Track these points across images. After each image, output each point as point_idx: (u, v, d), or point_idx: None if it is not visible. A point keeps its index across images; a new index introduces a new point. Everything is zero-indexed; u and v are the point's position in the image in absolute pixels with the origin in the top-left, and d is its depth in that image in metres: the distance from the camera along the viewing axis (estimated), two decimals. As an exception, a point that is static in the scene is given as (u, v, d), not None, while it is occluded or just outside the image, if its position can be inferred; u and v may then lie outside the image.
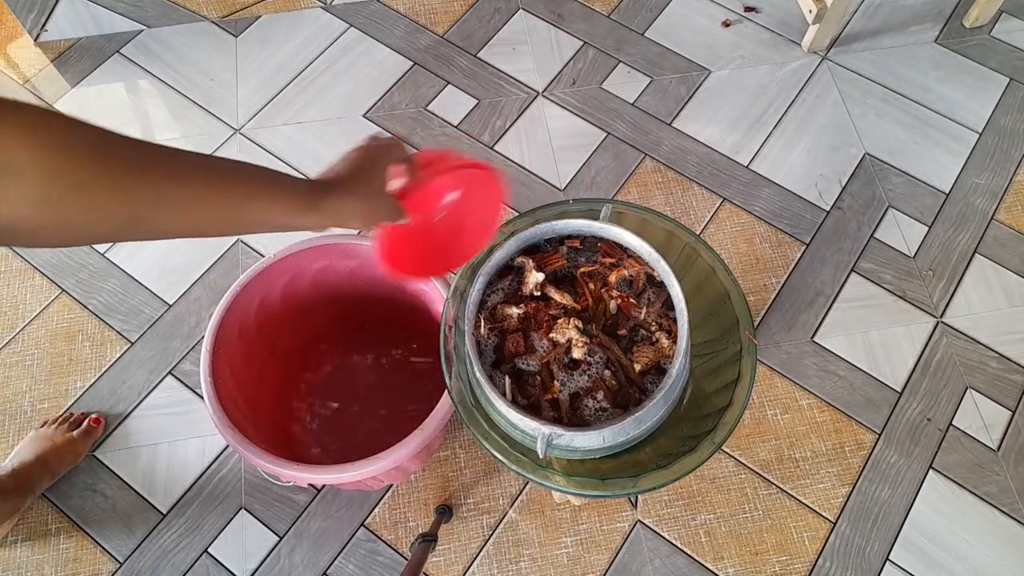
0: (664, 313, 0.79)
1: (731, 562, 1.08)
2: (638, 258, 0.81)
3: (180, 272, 1.29)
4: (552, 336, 0.77)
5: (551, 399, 0.75)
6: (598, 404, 0.75)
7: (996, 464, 1.14)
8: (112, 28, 1.53)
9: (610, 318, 0.79)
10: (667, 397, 0.75)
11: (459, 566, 1.08)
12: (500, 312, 0.79)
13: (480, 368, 0.74)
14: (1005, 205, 1.35)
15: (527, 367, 0.77)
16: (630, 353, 0.77)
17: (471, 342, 0.76)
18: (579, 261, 0.83)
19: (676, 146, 1.40)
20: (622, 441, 0.76)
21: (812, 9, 1.43)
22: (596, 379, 0.76)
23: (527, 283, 0.81)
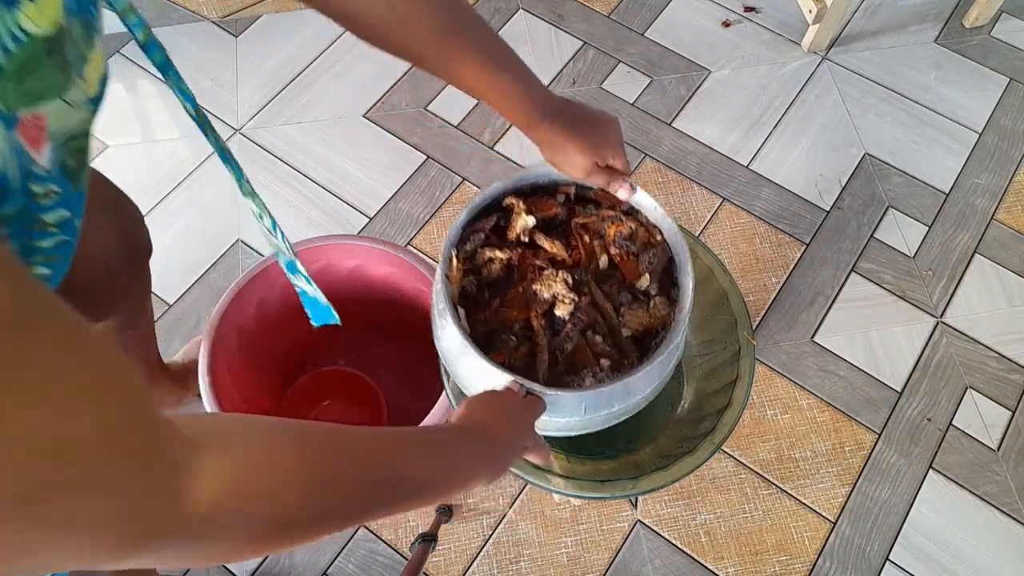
0: (664, 278, 0.71)
1: (731, 562, 1.08)
2: (643, 218, 0.74)
3: (180, 272, 1.29)
4: (536, 288, 0.68)
5: (523, 355, 0.67)
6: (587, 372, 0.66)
7: (996, 464, 1.14)
8: (111, 28, 1.51)
9: (602, 275, 0.71)
10: (663, 366, 0.68)
11: (459, 566, 1.08)
12: (481, 256, 0.70)
13: (447, 301, 0.65)
14: (1005, 205, 1.35)
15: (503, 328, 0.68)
16: (620, 316, 0.69)
17: (443, 283, 0.67)
18: (575, 211, 0.75)
19: (676, 146, 1.40)
20: (604, 415, 0.68)
21: (812, 9, 1.43)
22: (580, 344, 0.67)
23: (514, 227, 0.71)
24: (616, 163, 0.66)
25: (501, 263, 0.70)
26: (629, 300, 0.71)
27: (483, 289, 0.70)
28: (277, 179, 1.37)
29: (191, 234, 1.32)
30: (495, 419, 0.55)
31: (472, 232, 0.72)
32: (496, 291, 0.70)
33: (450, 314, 0.64)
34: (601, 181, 0.67)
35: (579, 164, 0.64)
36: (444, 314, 0.65)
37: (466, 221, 0.71)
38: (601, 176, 0.66)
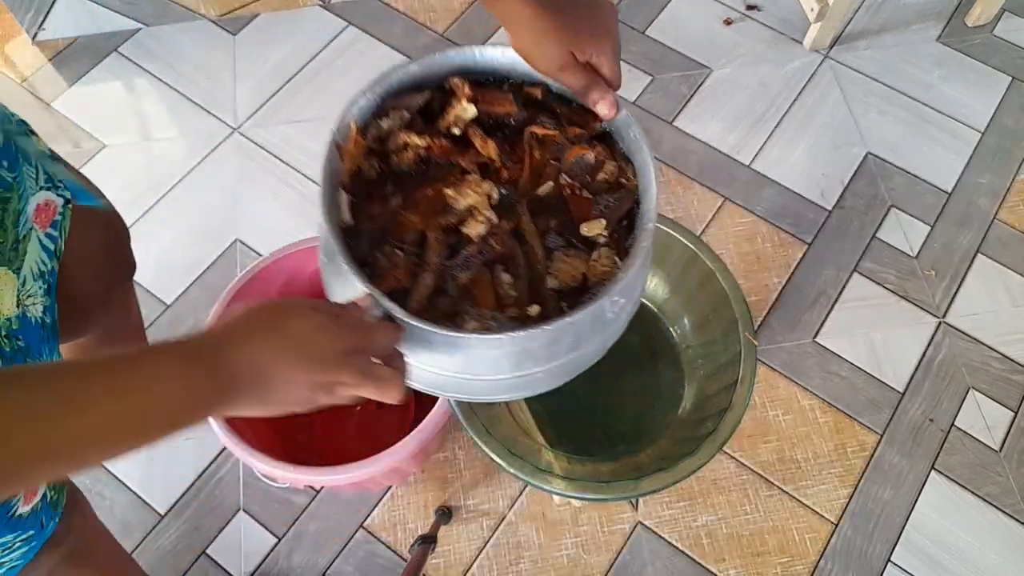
0: (622, 231, 0.56)
1: (732, 564, 1.08)
2: (619, 151, 0.59)
3: (178, 272, 1.28)
4: (449, 194, 0.54)
5: (405, 276, 0.52)
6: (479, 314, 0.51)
7: (998, 465, 1.13)
8: (110, 27, 1.52)
9: (542, 204, 0.56)
10: (581, 333, 0.53)
11: (459, 568, 1.08)
12: (395, 140, 0.56)
13: (327, 180, 0.52)
14: (1008, 205, 1.34)
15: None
16: (549, 261, 0.54)
17: (328, 155, 0.53)
18: (533, 119, 0.59)
19: (677, 145, 1.40)
20: (490, 382, 0.54)
21: (814, 7, 1.42)
22: (481, 278, 0.52)
23: (449, 114, 0.57)
24: (602, 64, 0.52)
25: (416, 153, 0.56)
26: (564, 245, 0.56)
27: (386, 181, 0.56)
28: (276, 178, 1.36)
29: (189, 234, 1.32)
30: (263, 335, 0.41)
31: (395, 107, 0.57)
32: (403, 187, 0.56)
33: (324, 197, 0.51)
34: (576, 83, 0.52)
35: (551, 53, 0.50)
36: (321, 199, 0.52)
37: (390, 89, 0.56)
38: (578, 76, 0.52)
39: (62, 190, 0.63)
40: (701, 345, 1.00)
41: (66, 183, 0.64)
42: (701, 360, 1.00)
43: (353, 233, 0.53)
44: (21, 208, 0.57)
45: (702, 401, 0.96)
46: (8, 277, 0.54)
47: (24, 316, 0.54)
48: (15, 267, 0.55)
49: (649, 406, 1.02)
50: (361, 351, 0.44)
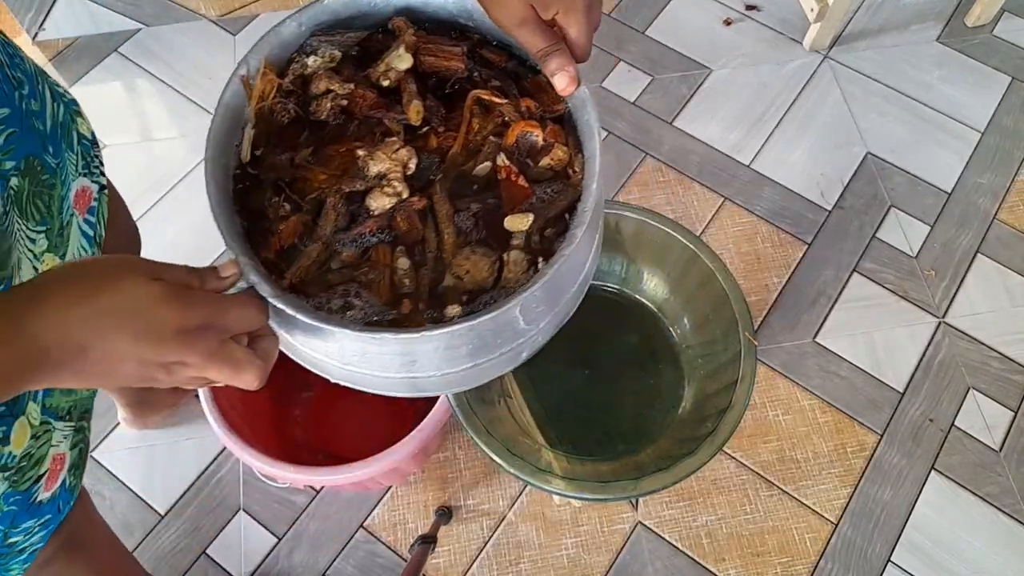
0: (552, 231, 0.47)
1: (732, 563, 1.08)
2: (573, 139, 0.50)
3: (178, 272, 1.28)
4: (361, 155, 0.47)
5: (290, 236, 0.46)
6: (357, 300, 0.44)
7: (998, 465, 1.13)
8: (110, 27, 1.52)
9: (467, 182, 0.49)
10: (505, 328, 0.45)
11: (459, 568, 1.08)
12: (317, 84, 0.49)
13: (222, 116, 0.46)
14: (1007, 205, 1.34)
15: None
16: (453, 255, 0.47)
17: (233, 89, 0.47)
18: (485, 83, 0.50)
19: (677, 145, 1.40)
20: (399, 381, 0.47)
21: (814, 7, 1.42)
22: (375, 258, 0.45)
23: (380, 61, 0.49)
24: (569, 25, 0.44)
25: (336, 102, 0.48)
26: (474, 236, 0.47)
27: (303, 128, 0.49)
28: (276, 178, 1.37)
29: (190, 234, 1.32)
30: (84, 301, 0.35)
31: (327, 42, 0.50)
32: (320, 139, 0.49)
33: (213, 134, 0.45)
34: (535, 44, 0.44)
35: (510, 4, 0.43)
36: (209, 135, 0.46)
37: (322, 22, 0.49)
38: (538, 36, 0.44)
39: (97, 176, 0.63)
40: (701, 345, 1.00)
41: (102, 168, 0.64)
42: (701, 360, 1.00)
43: (251, 179, 0.47)
44: (64, 194, 0.57)
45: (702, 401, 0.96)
46: (54, 263, 0.54)
47: None
48: (61, 253, 0.55)
49: (649, 406, 1.02)
50: (210, 329, 0.37)
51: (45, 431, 0.53)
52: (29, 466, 0.51)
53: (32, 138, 0.53)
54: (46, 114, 0.56)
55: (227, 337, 0.39)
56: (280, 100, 0.49)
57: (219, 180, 0.45)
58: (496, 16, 0.44)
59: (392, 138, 0.48)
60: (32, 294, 0.34)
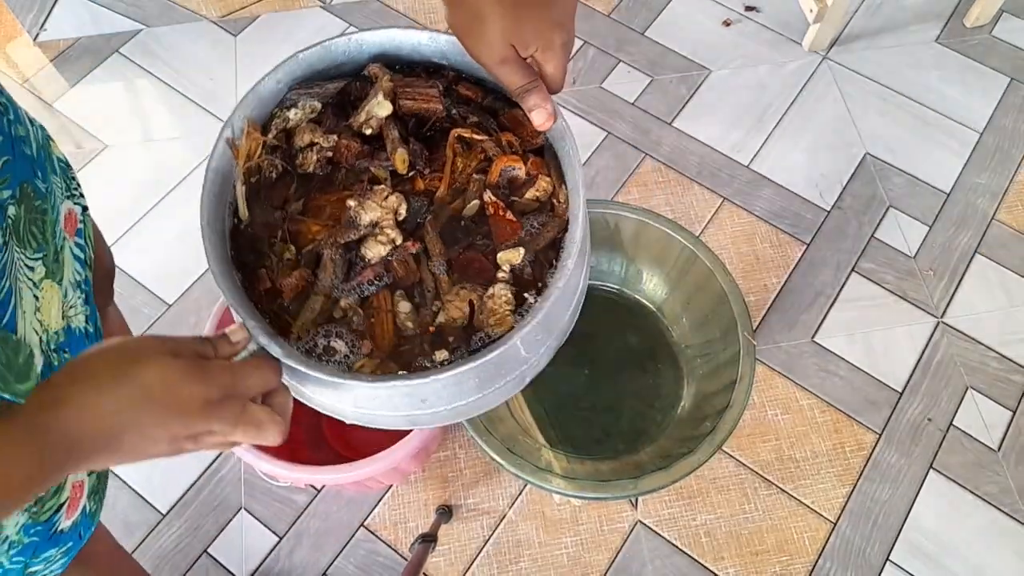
0: (539, 266, 0.48)
1: (731, 562, 1.08)
2: (555, 167, 0.50)
3: (180, 272, 1.29)
4: (351, 205, 0.48)
5: (295, 289, 0.47)
6: (350, 348, 0.45)
7: (996, 464, 1.14)
8: (111, 27, 1.53)
9: (455, 223, 0.49)
10: (507, 360, 0.47)
11: (459, 566, 1.08)
12: (301, 136, 0.50)
13: (211, 179, 0.46)
14: (1006, 205, 1.34)
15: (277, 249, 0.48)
16: (446, 301, 0.48)
17: (220, 154, 0.47)
18: (464, 120, 0.51)
19: (677, 146, 1.40)
20: (411, 418, 0.49)
21: (813, 8, 1.43)
22: (379, 305, 0.47)
23: (361, 110, 0.50)
24: (546, 61, 0.45)
25: (322, 155, 0.49)
26: (469, 277, 0.48)
27: (291, 181, 0.50)
28: (277, 178, 1.37)
29: (190, 234, 1.32)
30: (108, 388, 0.36)
31: (305, 95, 0.50)
32: (309, 191, 0.50)
33: (205, 202, 0.45)
34: (514, 82, 0.45)
35: (491, 42, 0.43)
36: (201, 204, 0.45)
37: (299, 75, 0.50)
38: (517, 74, 0.45)
39: (78, 198, 0.63)
40: (700, 345, 1.01)
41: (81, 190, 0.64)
42: (700, 359, 1.00)
43: (245, 236, 0.48)
44: (55, 219, 0.56)
45: (701, 400, 0.97)
46: (54, 290, 0.53)
47: (69, 328, 0.54)
48: (58, 279, 0.55)
49: (649, 406, 1.03)
50: (232, 396, 0.39)
51: None
52: (49, 496, 0.51)
53: (24, 164, 0.52)
54: (31, 138, 0.56)
55: (247, 401, 0.40)
56: (266, 156, 0.49)
57: (216, 245, 0.45)
58: (477, 54, 0.45)
59: (380, 185, 0.49)
60: (60, 390, 0.36)
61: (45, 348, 0.50)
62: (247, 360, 0.42)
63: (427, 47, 0.51)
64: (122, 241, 1.32)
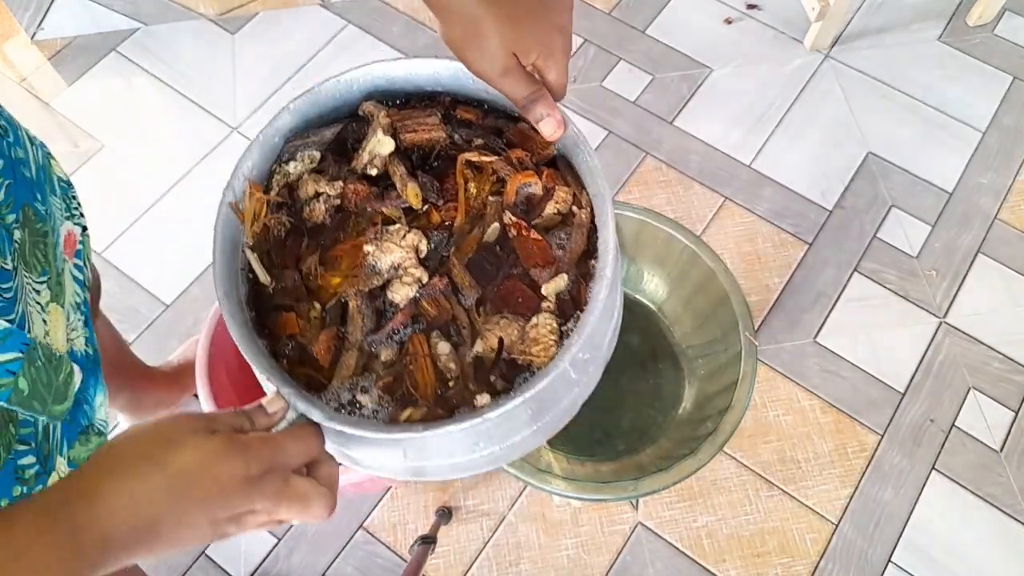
0: (578, 271, 0.46)
1: (733, 564, 1.07)
2: (571, 177, 0.48)
3: (178, 271, 1.28)
4: (368, 251, 0.46)
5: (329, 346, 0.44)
6: (379, 397, 0.44)
7: (999, 465, 1.13)
8: (109, 26, 1.52)
9: (485, 249, 0.47)
10: (558, 387, 0.45)
11: (459, 568, 1.07)
12: (305, 188, 0.48)
13: (220, 248, 0.44)
14: (1009, 204, 1.34)
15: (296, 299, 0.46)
16: (485, 330, 0.46)
17: (222, 223, 0.46)
18: (469, 144, 0.49)
19: (677, 145, 1.39)
20: (469, 461, 0.47)
21: (815, 7, 1.42)
22: (417, 351, 0.44)
23: (363, 151, 0.48)
24: (549, 68, 0.43)
25: (329, 204, 0.47)
26: (511, 306, 0.46)
27: (302, 236, 0.48)
28: (275, 178, 1.36)
29: (189, 233, 1.31)
30: (143, 476, 0.34)
31: (302, 145, 0.48)
32: (322, 242, 0.48)
33: (219, 273, 0.44)
34: (518, 93, 0.43)
35: (491, 54, 0.41)
36: (216, 275, 0.44)
37: (291, 128, 0.48)
38: (521, 84, 0.43)
39: (78, 218, 0.62)
40: (701, 345, 1.00)
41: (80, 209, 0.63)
42: (701, 360, 1.00)
43: (266, 300, 0.46)
44: (56, 241, 0.55)
45: (702, 401, 0.96)
46: (58, 313, 0.52)
47: (72, 351, 0.53)
48: (61, 302, 0.54)
49: (649, 406, 1.02)
50: (273, 471, 0.37)
51: None
52: None
53: (25, 187, 0.52)
54: (30, 160, 0.55)
55: (290, 473, 0.38)
56: (272, 215, 0.48)
57: (236, 314, 0.43)
58: (477, 68, 0.43)
59: (395, 225, 0.47)
60: (91, 483, 0.34)
61: None
62: (287, 430, 0.40)
63: (419, 75, 0.50)
64: (119, 241, 1.31)
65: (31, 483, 0.44)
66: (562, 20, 0.42)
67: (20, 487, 0.43)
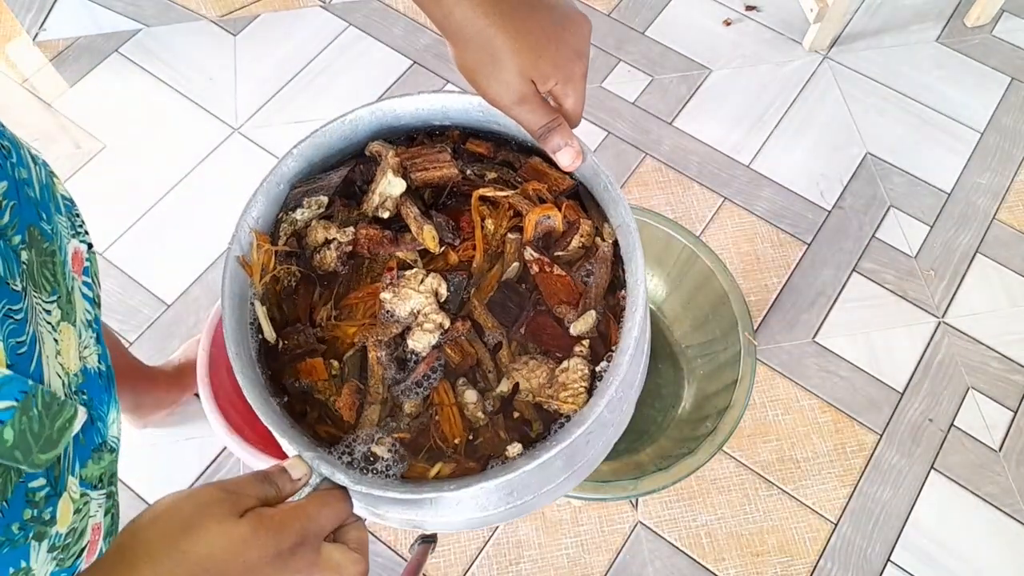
0: (605, 304, 0.45)
1: (732, 563, 1.08)
2: (593, 211, 0.47)
3: (178, 272, 1.28)
4: (385, 299, 0.44)
5: (351, 401, 0.43)
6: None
7: (997, 465, 1.13)
8: (111, 27, 1.52)
9: (505, 289, 0.45)
10: (593, 431, 0.42)
11: (459, 567, 1.08)
12: (314, 236, 0.46)
13: (230, 303, 0.42)
14: (1007, 205, 1.34)
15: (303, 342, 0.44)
16: (511, 369, 0.44)
17: (231, 275, 0.44)
18: (483, 178, 0.48)
19: (677, 145, 1.40)
20: (503, 512, 0.45)
21: (813, 8, 1.42)
22: (440, 402, 0.43)
23: (373, 193, 0.46)
24: (567, 95, 0.42)
25: (340, 251, 0.45)
26: (541, 349, 0.44)
27: (313, 286, 0.46)
28: (276, 178, 1.37)
29: (190, 233, 1.32)
30: (164, 569, 0.32)
31: (308, 191, 0.46)
32: (335, 291, 0.46)
33: (231, 331, 0.42)
34: (534, 122, 0.41)
35: (508, 81, 0.39)
36: (227, 334, 0.42)
37: (296, 173, 0.46)
38: (537, 113, 0.41)
39: (83, 235, 0.62)
40: (700, 345, 1.00)
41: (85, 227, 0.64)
42: (700, 359, 1.00)
43: (276, 356, 0.44)
44: (63, 259, 0.55)
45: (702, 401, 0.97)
46: (70, 331, 0.52)
47: (85, 369, 0.53)
48: (72, 320, 0.53)
49: (648, 406, 1.02)
50: (304, 544, 0.35)
51: (84, 503, 0.52)
52: (74, 541, 0.50)
53: (29, 207, 0.51)
54: (33, 179, 0.54)
55: (320, 542, 0.37)
56: (281, 266, 0.45)
57: (248, 373, 0.41)
58: (493, 95, 0.41)
59: (412, 270, 0.45)
60: (116, 566, 0.32)
61: (67, 392, 0.50)
62: (313, 496, 0.38)
63: (427, 109, 0.47)
64: (121, 241, 1.31)
65: (41, 505, 0.44)
66: (580, 45, 0.41)
67: (31, 510, 0.43)
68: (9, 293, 0.43)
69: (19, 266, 0.47)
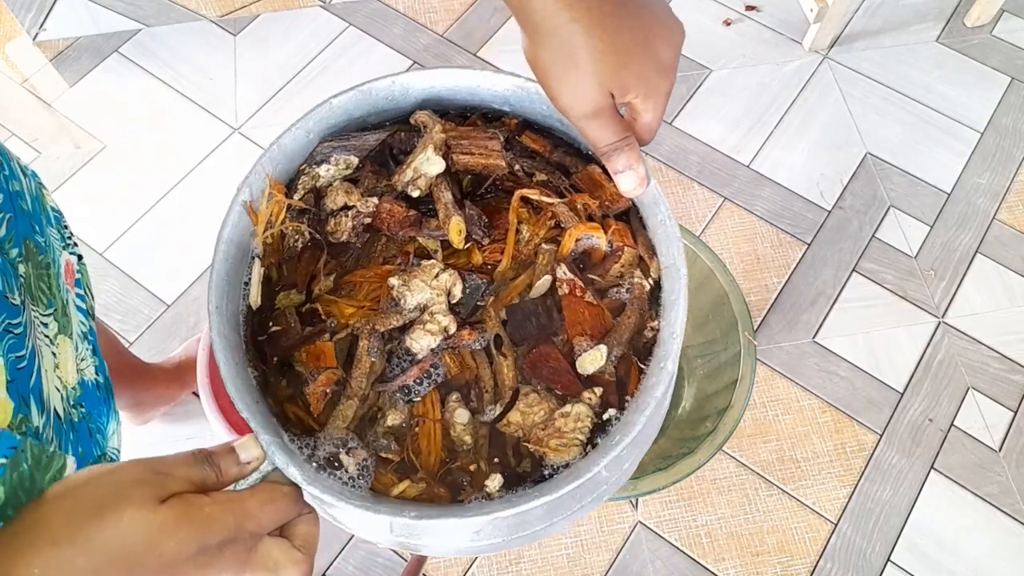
0: (634, 338, 0.39)
1: (732, 563, 1.08)
2: (644, 238, 0.41)
3: (178, 272, 1.28)
4: (395, 284, 0.39)
5: (317, 403, 0.37)
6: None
7: (997, 465, 1.13)
8: (111, 27, 1.52)
9: (526, 305, 0.40)
10: (597, 480, 0.38)
11: (459, 568, 1.08)
12: (333, 198, 0.41)
13: (225, 252, 0.38)
14: (1007, 205, 1.34)
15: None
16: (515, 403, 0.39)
17: (234, 220, 0.39)
18: (531, 178, 0.43)
19: (677, 145, 1.40)
20: (476, 546, 0.42)
21: (813, 8, 1.42)
22: (423, 414, 0.38)
23: (407, 166, 0.41)
24: (646, 111, 0.36)
25: (358, 221, 0.41)
26: (529, 372, 0.39)
27: (319, 250, 0.42)
28: (276, 178, 1.37)
29: (189, 233, 1.32)
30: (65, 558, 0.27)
31: (339, 148, 0.41)
32: (343, 263, 0.42)
33: (215, 280, 0.37)
34: (604, 138, 0.37)
35: (584, 90, 0.35)
36: (211, 282, 0.37)
37: (333, 124, 0.41)
38: (609, 129, 0.36)
39: (73, 247, 0.62)
40: (700, 345, 1.00)
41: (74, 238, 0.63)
42: (700, 360, 1.00)
43: (264, 324, 0.39)
44: (57, 272, 0.55)
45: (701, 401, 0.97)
46: (67, 344, 0.52)
47: (83, 381, 0.53)
48: (68, 332, 0.53)
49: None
50: (235, 540, 0.31)
51: None
52: None
53: (24, 220, 0.51)
54: (25, 192, 0.54)
55: (259, 537, 0.33)
56: (291, 222, 0.41)
57: (229, 337, 0.36)
58: (564, 103, 0.36)
59: (430, 260, 0.40)
60: (5, 559, 0.27)
61: (65, 405, 0.49)
62: (258, 487, 0.33)
63: (487, 91, 0.42)
64: (121, 241, 1.31)
65: None
66: (670, 56, 0.36)
67: None
68: (8, 307, 0.43)
69: (17, 279, 0.46)
